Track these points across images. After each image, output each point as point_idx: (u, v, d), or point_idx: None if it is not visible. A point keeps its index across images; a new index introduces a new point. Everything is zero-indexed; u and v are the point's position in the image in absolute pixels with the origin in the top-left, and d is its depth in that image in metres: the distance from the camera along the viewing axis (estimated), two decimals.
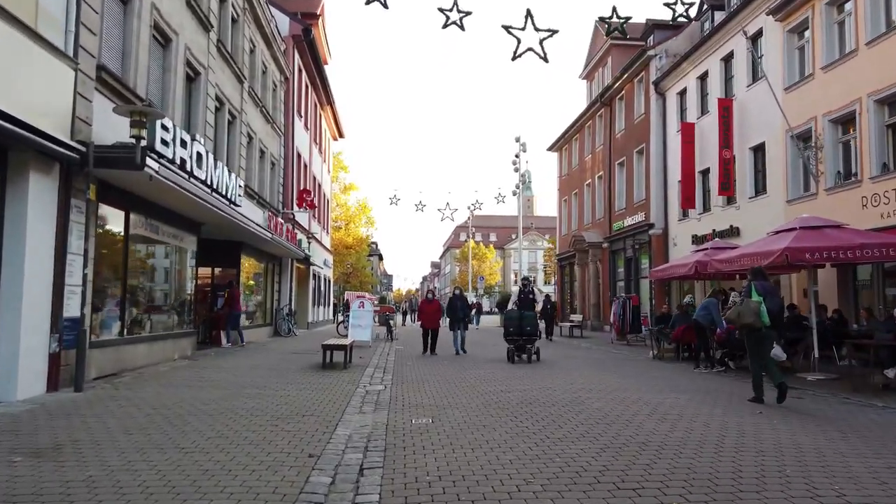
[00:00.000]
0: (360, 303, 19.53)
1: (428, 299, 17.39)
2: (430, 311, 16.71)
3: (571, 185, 37.34)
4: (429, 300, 17.35)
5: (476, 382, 10.26)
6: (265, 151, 21.69)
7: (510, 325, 13.92)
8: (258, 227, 16.76)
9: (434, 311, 16.69)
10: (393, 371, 12.08)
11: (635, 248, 27.44)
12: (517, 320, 13.84)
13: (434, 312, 16.65)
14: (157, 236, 12.72)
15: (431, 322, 16.44)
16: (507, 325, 14.07)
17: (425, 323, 16.58)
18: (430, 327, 16.32)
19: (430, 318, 16.53)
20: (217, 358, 13.84)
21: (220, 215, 13.34)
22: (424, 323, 16.64)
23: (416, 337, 24.06)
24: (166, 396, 8.34)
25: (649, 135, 26.06)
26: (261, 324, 21.65)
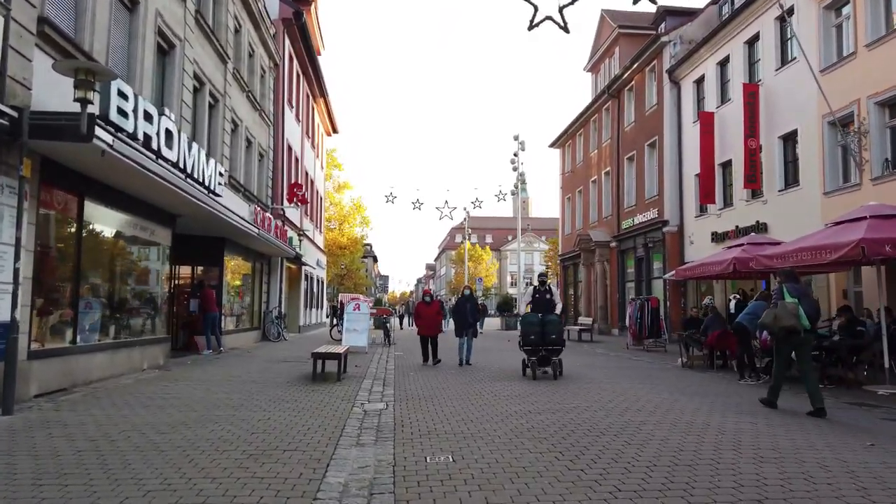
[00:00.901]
0: (356, 305, 17.88)
1: (426, 301, 14.47)
2: (428, 314, 14.08)
3: (575, 182, 35.80)
4: (427, 302, 14.41)
5: (495, 400, 8.62)
6: (252, 141, 20.03)
7: (530, 333, 11.38)
8: (243, 221, 15.11)
9: (433, 315, 14.10)
10: (394, 384, 10.43)
11: (647, 246, 25.89)
12: (538, 326, 11.35)
13: (433, 316, 14.09)
14: (122, 228, 11.04)
15: (430, 327, 14.01)
16: (527, 333, 11.46)
17: (423, 329, 14.09)
18: (428, 334, 14.02)
19: (428, 324, 14.02)
20: (193, 368, 12.17)
21: (196, 205, 11.68)
22: (422, 329, 14.12)
23: (415, 342, 22.39)
24: (116, 421, 6.68)
25: (662, 126, 24.53)
26: (247, 327, 19.96)
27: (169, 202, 11.56)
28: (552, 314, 11.59)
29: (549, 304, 11.98)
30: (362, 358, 15.14)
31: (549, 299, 12.04)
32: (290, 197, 22.84)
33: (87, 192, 9.39)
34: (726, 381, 11.30)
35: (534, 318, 11.59)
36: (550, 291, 12.17)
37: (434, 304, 14.62)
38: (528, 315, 11.93)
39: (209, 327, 15.18)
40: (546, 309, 11.85)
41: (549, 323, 11.48)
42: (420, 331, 14.21)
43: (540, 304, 11.98)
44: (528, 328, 11.53)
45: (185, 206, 11.98)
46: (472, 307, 14.23)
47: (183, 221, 13.53)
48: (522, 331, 11.66)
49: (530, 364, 11.33)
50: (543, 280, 12.60)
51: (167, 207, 12.16)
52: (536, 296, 12.16)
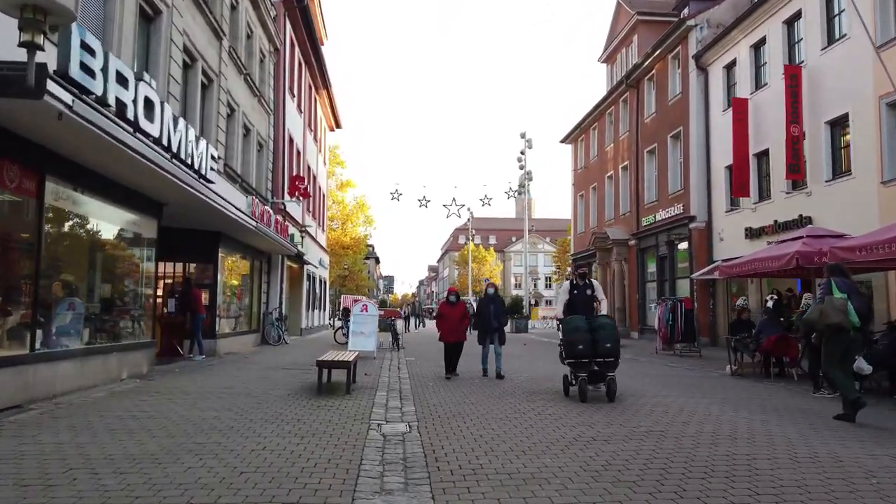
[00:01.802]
0: (363, 306, 16.35)
1: (450, 301, 11.95)
2: (453, 317, 11.66)
3: (589, 178, 34.27)
4: (451, 303, 11.92)
5: (541, 422, 7.07)
6: (251, 129, 18.53)
7: (577, 342, 8.66)
8: (240, 213, 13.60)
9: (460, 319, 11.69)
10: (413, 398, 8.90)
11: (671, 244, 24.34)
12: (586, 332, 8.70)
13: (460, 320, 11.69)
14: (96, 215, 9.52)
15: (456, 333, 11.63)
16: (572, 342, 8.71)
17: (448, 334, 11.59)
18: (454, 340, 11.65)
19: (454, 328, 11.61)
20: (180, 377, 10.64)
21: (184, 192, 10.19)
22: (446, 334, 11.61)
23: (426, 346, 20.99)
24: (66, 453, 5.17)
25: (688, 116, 23.01)
26: (245, 330, 18.45)
27: (152, 187, 10.06)
28: (604, 317, 9.29)
29: (590, 304, 9.58)
30: (371, 364, 13.63)
31: (591, 296, 9.59)
32: (291, 190, 21.33)
33: (49, 170, 7.88)
34: (795, 393, 9.75)
35: (580, 322, 8.87)
36: (592, 287, 9.69)
37: (460, 305, 12.02)
38: (572, 319, 9.02)
39: (199, 330, 13.68)
40: (588, 309, 9.43)
41: (601, 328, 8.80)
42: (443, 336, 11.72)
43: (581, 303, 9.48)
44: (573, 335, 8.75)
45: (171, 193, 10.48)
46: (497, 308, 11.76)
47: (171, 212, 12.04)
48: (566, 339, 8.86)
49: (578, 382, 8.61)
50: (584, 273, 10.17)
51: (151, 193, 10.65)
52: (574, 292, 9.60)
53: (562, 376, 9.36)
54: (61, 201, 8.38)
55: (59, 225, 8.60)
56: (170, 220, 12.83)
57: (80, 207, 9.00)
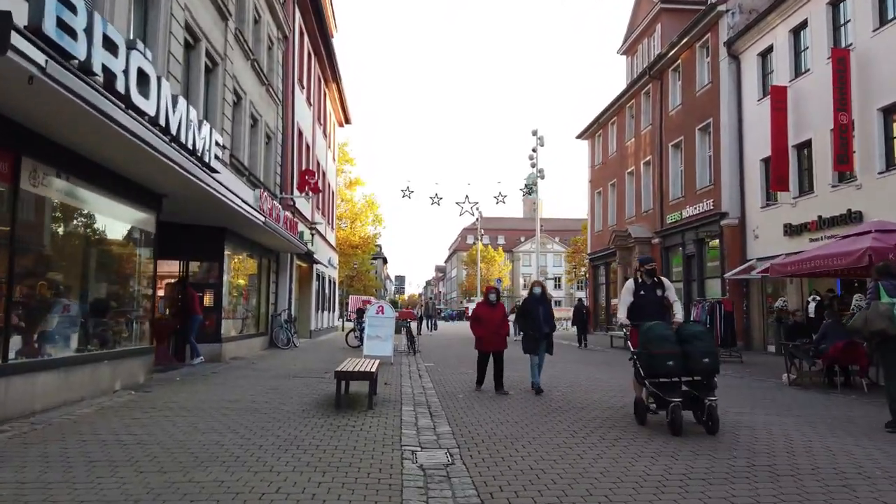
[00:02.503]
0: (379, 307, 15.22)
1: (490, 302, 10.13)
2: (493, 320, 9.95)
3: (607, 175, 33.07)
4: (491, 303, 10.12)
5: (613, 452, 5.87)
6: (258, 119, 17.44)
7: (666, 355, 6.58)
8: (247, 206, 12.48)
9: (499, 322, 10.01)
10: (446, 415, 7.75)
11: (699, 242, 23.12)
12: (674, 345, 6.63)
13: (499, 323, 10.00)
14: (83, 206, 8.42)
15: (496, 340, 9.92)
16: (660, 355, 6.61)
17: (486, 341, 9.95)
18: (493, 349, 9.93)
19: (494, 335, 9.92)
20: (181, 387, 9.53)
21: (185, 180, 9.09)
22: (484, 341, 9.96)
23: (443, 350, 19.86)
24: (24, 495, 4.06)
25: (718, 107, 21.80)
26: (252, 333, 17.36)
27: (148, 174, 8.96)
28: (694, 323, 7.38)
29: (660, 307, 7.49)
30: (389, 371, 12.50)
31: (661, 298, 7.54)
32: (300, 185, 20.24)
33: (25, 150, 6.78)
34: (879, 407, 8.56)
35: (664, 331, 6.74)
36: (662, 286, 7.64)
37: (500, 306, 10.21)
38: (655, 326, 6.82)
39: (195, 332, 12.60)
40: (658, 315, 7.29)
41: (695, 338, 6.70)
42: (480, 344, 10.04)
43: (649, 306, 7.37)
44: (659, 347, 6.59)
45: (170, 182, 9.38)
46: (547, 311, 9.80)
47: (173, 205, 10.96)
48: (647, 353, 6.71)
49: (670, 409, 6.39)
50: (653, 269, 7.79)
51: (147, 183, 9.55)
52: (641, 293, 7.48)
53: (634, 400, 7.34)
54: (42, 188, 7.27)
55: (38, 215, 7.50)
56: (171, 214, 11.75)
57: (65, 196, 7.90)
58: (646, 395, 7.01)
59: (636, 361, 7.06)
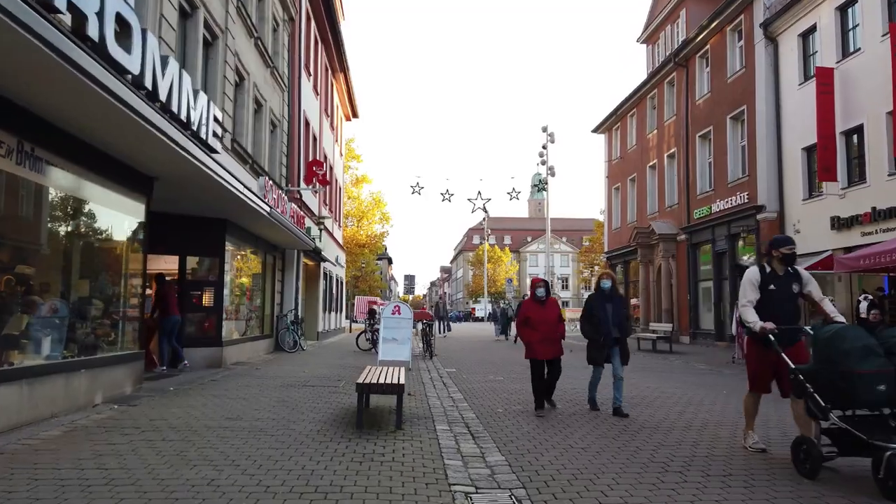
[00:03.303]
0: (395, 308, 13.87)
1: (538, 298, 8.04)
2: (548, 321, 7.90)
3: (627, 169, 31.66)
4: (540, 299, 8.04)
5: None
6: (263, 104, 16.12)
7: (873, 377, 4.45)
8: (250, 193, 11.14)
9: (554, 324, 7.95)
10: (491, 437, 6.38)
11: (732, 238, 21.68)
12: (882, 360, 4.51)
13: (555, 325, 7.94)
14: (57, 185, 7.08)
15: (552, 345, 7.89)
16: (860, 376, 4.46)
17: (538, 347, 7.83)
18: (547, 356, 7.88)
19: (549, 339, 7.85)
20: (173, 400, 8.19)
21: (178, 158, 7.78)
22: (536, 347, 7.83)
23: (461, 353, 18.45)
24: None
25: (753, 94, 20.39)
26: (257, 335, 16.04)
27: (133, 148, 7.62)
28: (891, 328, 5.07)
29: (796, 306, 5.67)
30: (408, 378, 11.13)
31: (798, 294, 5.58)
32: (308, 177, 18.91)
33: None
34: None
35: (867, 340, 4.61)
36: (800, 278, 5.60)
37: (552, 304, 8.15)
38: (846, 332, 4.72)
39: (167, 336, 11.25)
40: (794, 316, 5.56)
41: None
42: (531, 351, 7.86)
43: (782, 304, 5.50)
44: (859, 361, 4.49)
45: (160, 160, 8.06)
46: (619, 310, 7.77)
47: (166, 191, 9.65)
48: (839, 372, 4.57)
49: (885, 461, 4.20)
50: (792, 254, 5.60)
51: (134, 161, 8.22)
52: (771, 287, 5.53)
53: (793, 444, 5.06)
54: (1, 159, 5.94)
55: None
56: (165, 202, 10.47)
57: (32, 171, 6.56)
58: (817, 432, 4.82)
59: (804, 383, 4.81)
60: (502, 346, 22.50)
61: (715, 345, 21.85)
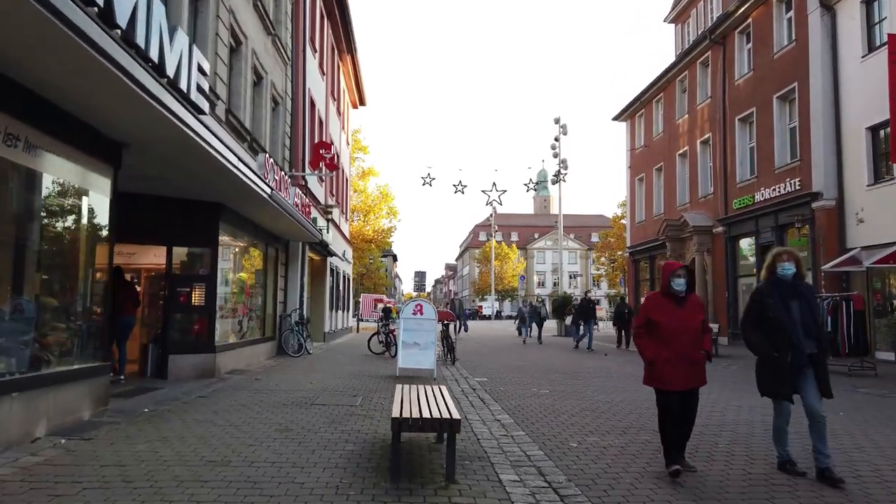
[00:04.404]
0: (417, 306, 11.96)
1: (675, 292, 5.11)
2: (686, 329, 5.02)
3: (652, 158, 29.69)
4: (678, 294, 5.11)
5: None
6: (263, 77, 14.22)
7: None
8: (248, 170, 9.22)
9: (696, 334, 5.05)
10: (587, 499, 4.46)
11: (779, 229, 19.70)
12: None
13: (696, 336, 5.05)
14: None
15: (689, 370, 4.99)
16: None
17: (669, 373, 4.96)
18: (685, 385, 5.00)
19: (683, 359, 4.96)
20: (142, 429, 6.29)
21: (153, 115, 5.90)
22: (667, 372, 4.96)
23: (482, 355, 16.27)
24: None
25: (806, 70, 18.39)
26: (258, 338, 14.16)
27: (87, 96, 5.72)
28: None
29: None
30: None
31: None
32: (313, 161, 16.99)
33: None
34: None
35: None
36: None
37: (693, 301, 5.24)
38: None
39: (117, 337, 9.34)
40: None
41: None
42: (656, 376, 5.07)
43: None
44: None
45: (125, 114, 6.17)
46: (809, 308, 5.01)
47: (145, 165, 7.80)
48: None
49: None
50: None
51: (93, 118, 6.32)
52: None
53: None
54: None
55: None
56: (148, 182, 8.65)
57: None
58: None
59: None
60: (529, 349, 20.59)
61: None
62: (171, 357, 10.17)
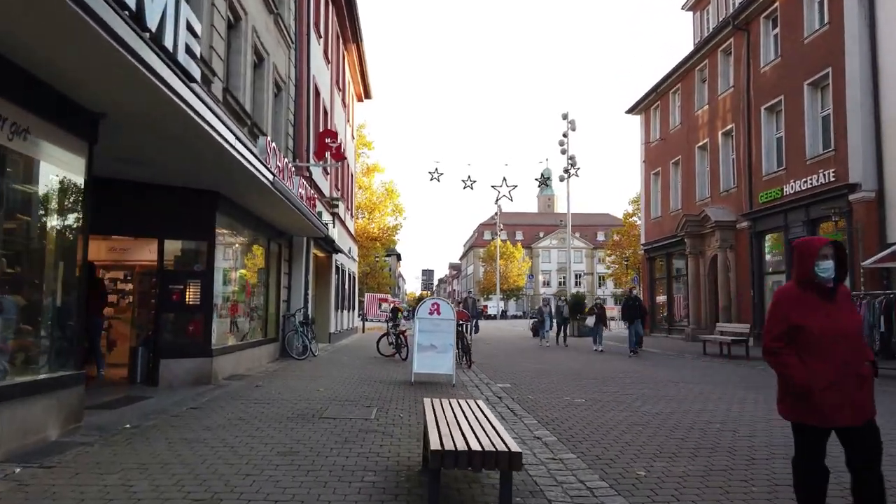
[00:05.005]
0: (433, 306, 10.90)
1: (822, 281, 3.46)
2: (848, 335, 3.41)
3: (669, 151, 28.58)
4: (824, 285, 3.47)
5: None
6: (265, 58, 13.18)
7: None
8: (247, 152, 8.16)
9: (857, 338, 3.49)
10: None
11: (811, 223, 18.59)
12: None
13: (858, 341, 3.49)
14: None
15: (855, 395, 3.32)
16: None
17: (828, 402, 3.29)
18: (851, 421, 3.31)
19: (846, 380, 3.30)
20: (117, 454, 5.25)
21: (132, 74, 4.85)
22: (825, 400, 3.29)
23: (497, 357, 14.94)
24: None
25: (841, 53, 17.28)
26: (259, 340, 13.13)
27: (54, 51, 4.69)
28: None
29: None
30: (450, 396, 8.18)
31: None
32: (319, 151, 15.95)
33: None
34: None
35: None
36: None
37: (846, 296, 3.61)
38: None
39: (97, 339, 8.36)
40: None
41: None
42: (804, 407, 3.38)
43: None
44: None
45: (104, 77, 5.14)
46: None
47: (129, 144, 6.80)
48: None
49: None
50: None
51: (63, 83, 5.28)
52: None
53: None
54: None
55: None
56: (134, 166, 7.67)
57: None
58: None
59: None
60: (547, 351, 19.51)
61: None
62: (163, 362, 9.15)
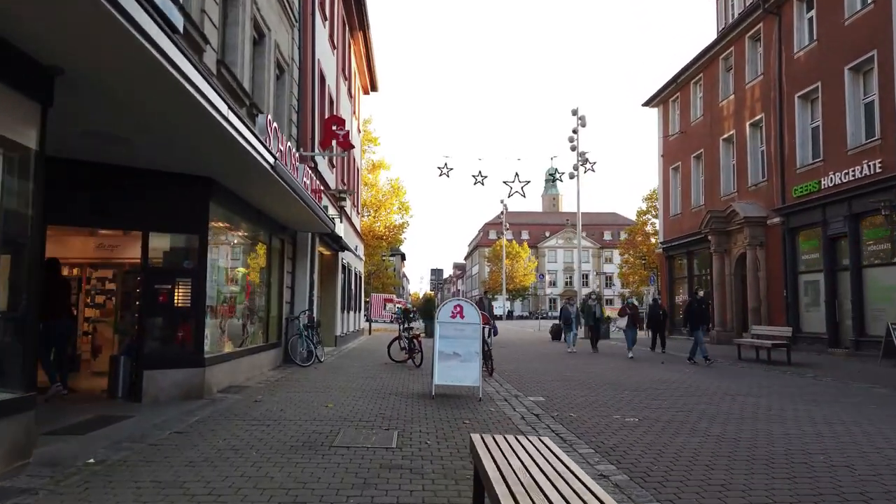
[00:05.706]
0: (456, 308, 9.61)
1: None
2: None
3: (690, 145, 27.28)
4: None
5: None
6: (266, 35, 11.93)
7: None
8: (244, 129, 6.91)
9: None
10: None
11: (853, 218, 17.26)
12: None
13: None
14: None
15: None
16: None
17: None
18: None
19: None
20: (70, 502, 3.99)
21: (92, 9, 3.57)
22: None
23: (524, 367, 13.40)
24: None
25: (888, 35, 15.99)
26: (260, 345, 11.88)
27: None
28: None
29: None
30: (475, 413, 6.95)
31: None
32: (325, 139, 14.69)
33: None
34: None
35: None
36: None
37: None
38: None
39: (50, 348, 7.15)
40: None
41: None
42: None
43: None
44: None
45: (56, 17, 3.87)
46: None
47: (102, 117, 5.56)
48: None
49: None
50: None
51: (5, 26, 4.03)
52: None
53: None
54: None
55: None
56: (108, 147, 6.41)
57: None
58: None
59: None
60: (574, 357, 18.21)
61: (828, 352, 17.52)
62: (147, 373, 7.90)
